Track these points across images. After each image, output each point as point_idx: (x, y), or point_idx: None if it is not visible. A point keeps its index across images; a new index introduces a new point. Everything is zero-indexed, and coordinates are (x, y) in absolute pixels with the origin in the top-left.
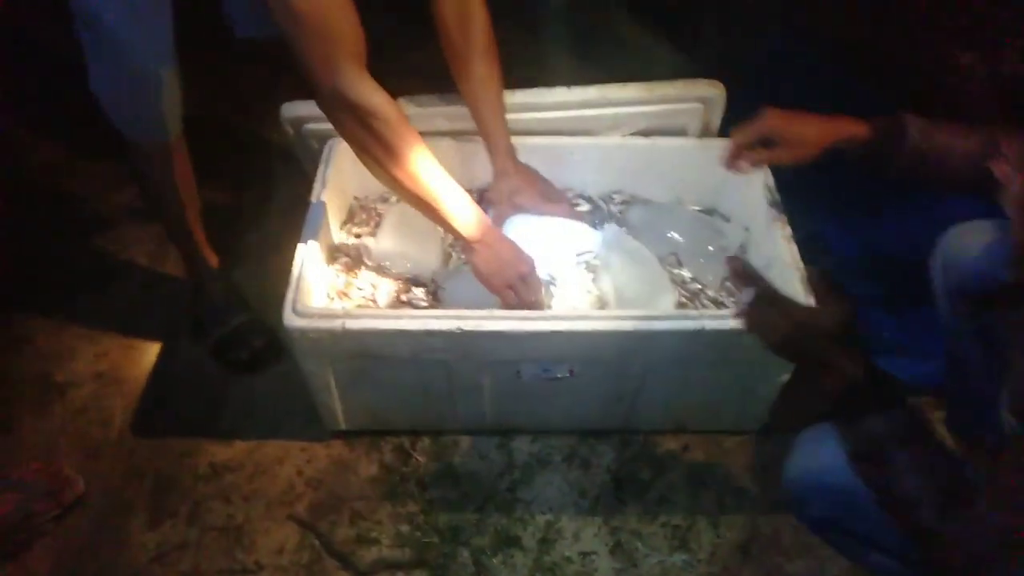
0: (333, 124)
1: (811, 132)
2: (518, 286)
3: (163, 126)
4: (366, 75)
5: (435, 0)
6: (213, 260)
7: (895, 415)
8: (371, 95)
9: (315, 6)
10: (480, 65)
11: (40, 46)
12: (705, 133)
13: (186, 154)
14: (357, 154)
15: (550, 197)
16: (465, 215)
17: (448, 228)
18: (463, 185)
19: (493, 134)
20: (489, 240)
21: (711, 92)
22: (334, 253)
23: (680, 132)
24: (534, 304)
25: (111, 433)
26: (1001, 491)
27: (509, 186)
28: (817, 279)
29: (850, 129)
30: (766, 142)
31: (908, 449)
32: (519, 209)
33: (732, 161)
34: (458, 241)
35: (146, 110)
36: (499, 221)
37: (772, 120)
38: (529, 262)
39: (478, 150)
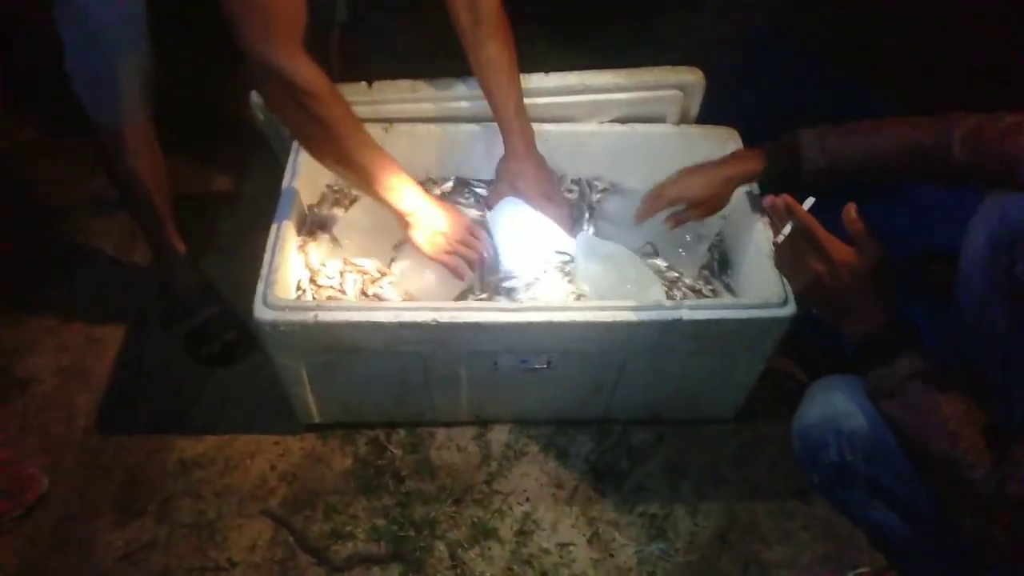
0: (264, 98)
1: (709, 189)
2: (459, 251)
3: (133, 110)
4: (301, 51)
5: None
6: (181, 248)
7: (920, 355)
8: (304, 71)
9: None
10: (490, 46)
11: (16, 30)
12: (683, 120)
13: (156, 138)
14: (290, 129)
15: (550, 197)
16: (397, 190)
17: (382, 203)
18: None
19: (505, 116)
20: (423, 212)
21: (690, 79)
22: (304, 237)
23: (659, 119)
24: (478, 263)
25: (75, 429)
26: None
27: (515, 167)
28: (855, 219)
29: (745, 168)
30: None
31: (937, 387)
32: (517, 192)
33: (642, 220)
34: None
35: (116, 93)
36: (495, 198)
37: (669, 191)
38: (465, 224)
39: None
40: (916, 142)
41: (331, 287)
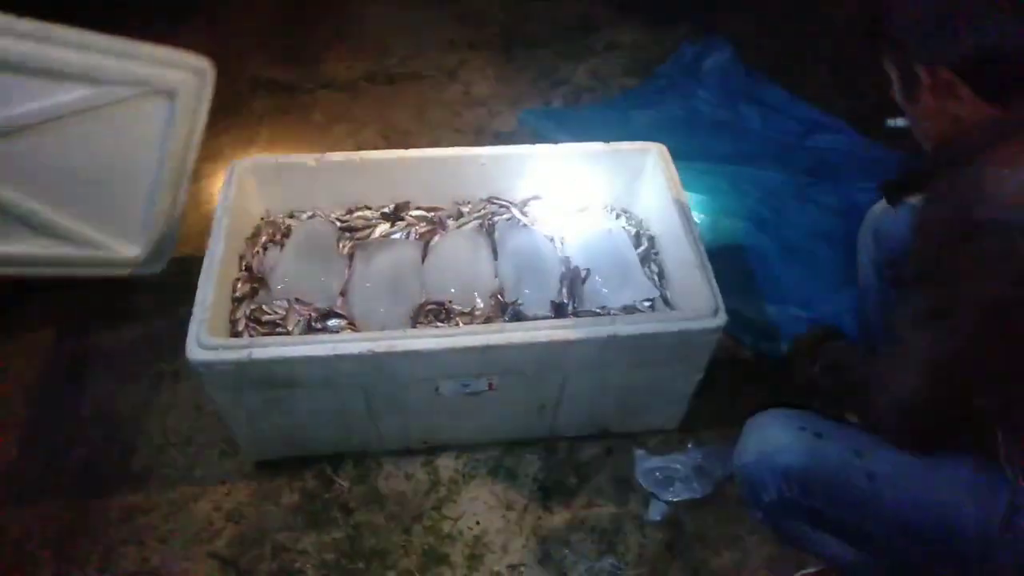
0: None
1: None
2: None
3: None
4: None
5: None
6: None
7: (852, 347)
8: None
9: None
10: None
11: None
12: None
13: None
14: None
15: None
16: None
17: None
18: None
19: None
20: None
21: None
22: (241, 275)
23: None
24: None
25: (13, 481)
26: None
27: None
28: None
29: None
30: None
31: (863, 361)
32: None
33: None
34: None
35: None
36: None
37: None
38: None
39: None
40: None
41: (274, 320)
